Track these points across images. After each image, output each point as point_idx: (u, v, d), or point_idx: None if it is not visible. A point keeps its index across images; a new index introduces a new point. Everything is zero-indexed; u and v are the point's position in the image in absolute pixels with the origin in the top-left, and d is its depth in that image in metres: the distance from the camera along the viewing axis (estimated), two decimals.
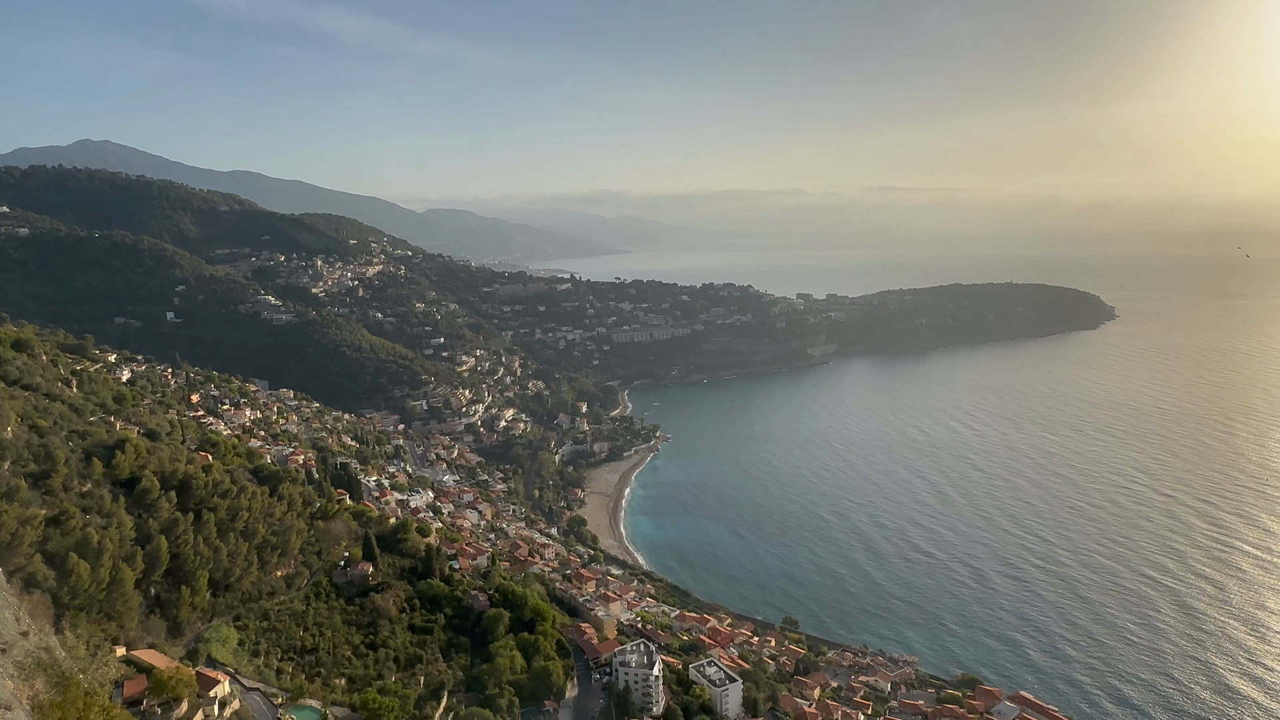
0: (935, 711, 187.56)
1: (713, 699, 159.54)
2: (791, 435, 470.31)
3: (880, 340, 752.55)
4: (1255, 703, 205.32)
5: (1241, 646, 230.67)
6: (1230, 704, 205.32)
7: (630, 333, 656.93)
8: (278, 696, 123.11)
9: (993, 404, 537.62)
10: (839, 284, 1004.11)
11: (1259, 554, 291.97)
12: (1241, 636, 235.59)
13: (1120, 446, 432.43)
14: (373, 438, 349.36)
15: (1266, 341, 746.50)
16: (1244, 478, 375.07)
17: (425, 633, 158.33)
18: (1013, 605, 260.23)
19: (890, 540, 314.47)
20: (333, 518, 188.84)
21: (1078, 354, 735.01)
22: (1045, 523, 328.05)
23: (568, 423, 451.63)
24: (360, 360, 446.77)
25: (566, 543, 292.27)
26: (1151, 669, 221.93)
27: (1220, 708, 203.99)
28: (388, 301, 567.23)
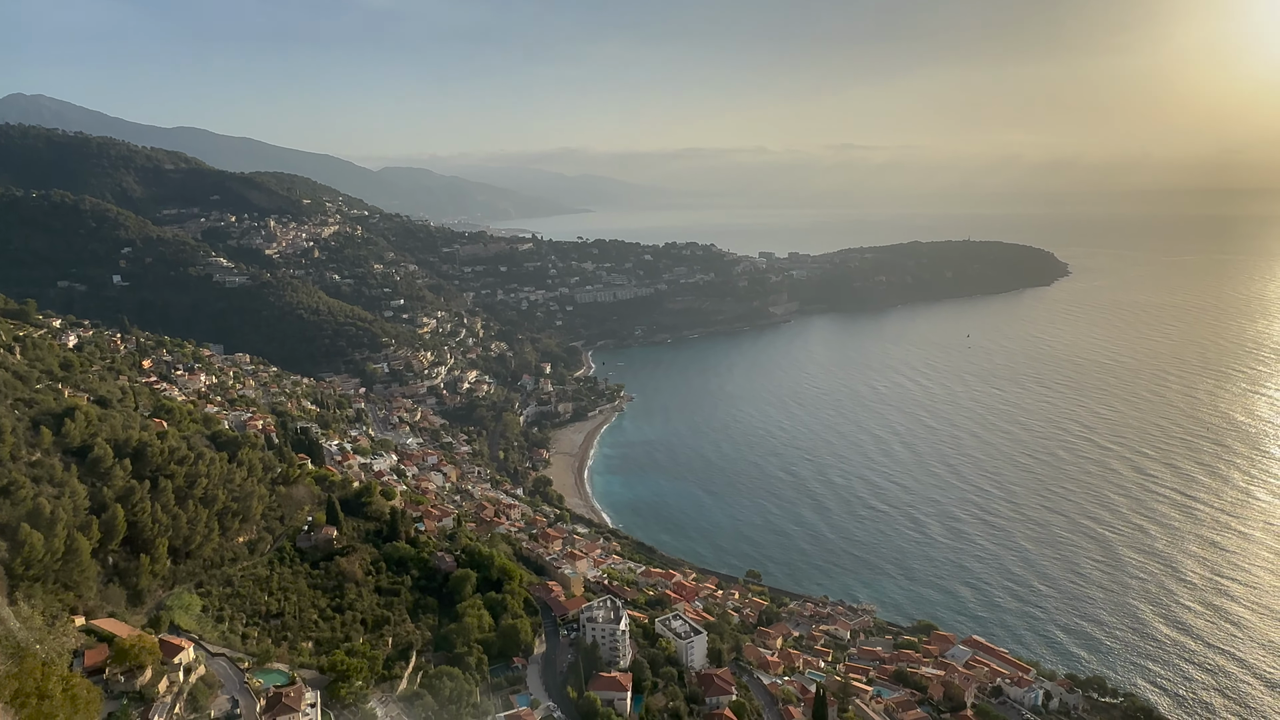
0: (893, 657, 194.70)
1: (678, 651, 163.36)
2: (754, 394, 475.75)
3: (841, 298, 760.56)
4: (1178, 642, 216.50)
5: (1167, 589, 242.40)
6: (1158, 641, 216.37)
7: (593, 293, 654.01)
8: (244, 661, 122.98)
9: (948, 361, 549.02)
10: (801, 242, 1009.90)
11: (1186, 502, 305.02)
12: (1167, 580, 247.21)
13: (1065, 400, 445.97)
14: (333, 401, 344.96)
15: (1205, 297, 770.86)
16: (1178, 429, 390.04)
17: (392, 594, 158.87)
18: (964, 555, 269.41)
19: (848, 494, 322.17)
20: (294, 483, 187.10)
21: (1031, 311, 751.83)
22: (992, 476, 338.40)
23: (531, 384, 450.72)
24: (318, 323, 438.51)
25: (532, 503, 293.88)
26: (1098, 609, 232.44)
27: (1151, 645, 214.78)
28: (345, 263, 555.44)
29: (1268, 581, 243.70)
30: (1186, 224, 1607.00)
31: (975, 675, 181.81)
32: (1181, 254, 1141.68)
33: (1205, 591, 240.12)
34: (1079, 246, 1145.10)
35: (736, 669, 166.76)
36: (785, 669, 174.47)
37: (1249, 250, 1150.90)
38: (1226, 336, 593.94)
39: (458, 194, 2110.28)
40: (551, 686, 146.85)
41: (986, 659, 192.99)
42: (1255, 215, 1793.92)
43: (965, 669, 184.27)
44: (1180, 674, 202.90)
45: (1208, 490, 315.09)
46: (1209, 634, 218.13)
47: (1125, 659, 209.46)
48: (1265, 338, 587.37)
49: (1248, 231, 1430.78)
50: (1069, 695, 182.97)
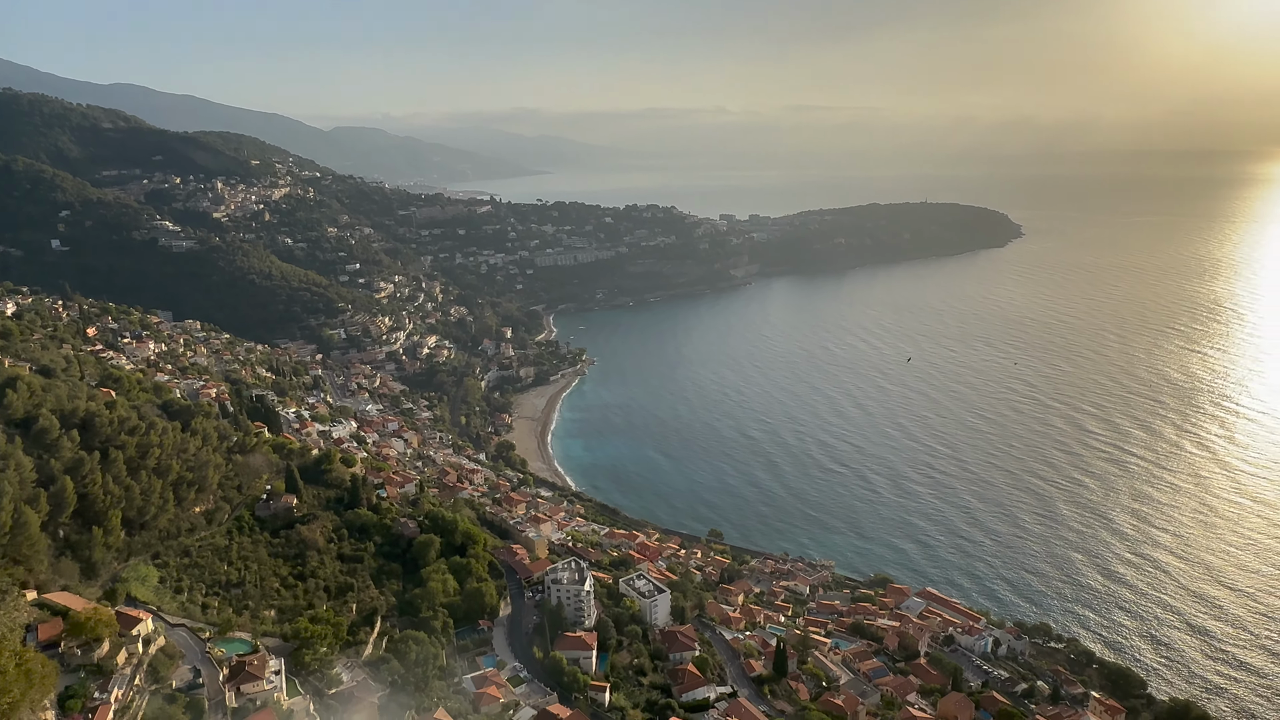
0: (850, 610, 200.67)
1: (642, 609, 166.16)
2: (715, 356, 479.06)
3: (801, 260, 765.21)
4: (1112, 590, 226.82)
5: (1102, 540, 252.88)
6: (1094, 590, 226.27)
7: (554, 256, 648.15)
8: (205, 631, 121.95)
9: (905, 322, 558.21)
10: (761, 204, 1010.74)
11: (1121, 456, 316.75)
12: (1102, 532, 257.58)
13: (1021, 358, 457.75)
14: (289, 368, 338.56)
15: (1149, 258, 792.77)
16: (1116, 386, 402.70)
17: (355, 561, 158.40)
18: (919, 510, 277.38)
19: (808, 453, 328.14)
20: (251, 451, 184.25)
21: (985, 271, 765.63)
22: (941, 435, 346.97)
23: (492, 348, 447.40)
24: (271, 288, 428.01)
25: (495, 467, 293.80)
26: (1043, 560, 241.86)
27: (1087, 594, 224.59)
28: (297, 226, 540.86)
29: (1194, 531, 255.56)
30: (1135, 186, 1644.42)
31: (929, 625, 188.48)
32: (1129, 215, 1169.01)
33: (1137, 541, 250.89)
34: (1032, 208, 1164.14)
35: (699, 625, 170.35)
36: (747, 624, 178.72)
37: (1194, 212, 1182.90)
38: (1166, 296, 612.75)
39: (413, 155, 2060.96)
40: (517, 647, 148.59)
41: (939, 609, 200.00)
42: (1201, 177, 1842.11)
43: (919, 620, 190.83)
44: (1114, 620, 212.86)
45: (1141, 444, 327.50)
46: (1139, 582, 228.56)
47: (1066, 607, 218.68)
48: (1201, 297, 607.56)
49: (1194, 193, 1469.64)
50: (1016, 642, 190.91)
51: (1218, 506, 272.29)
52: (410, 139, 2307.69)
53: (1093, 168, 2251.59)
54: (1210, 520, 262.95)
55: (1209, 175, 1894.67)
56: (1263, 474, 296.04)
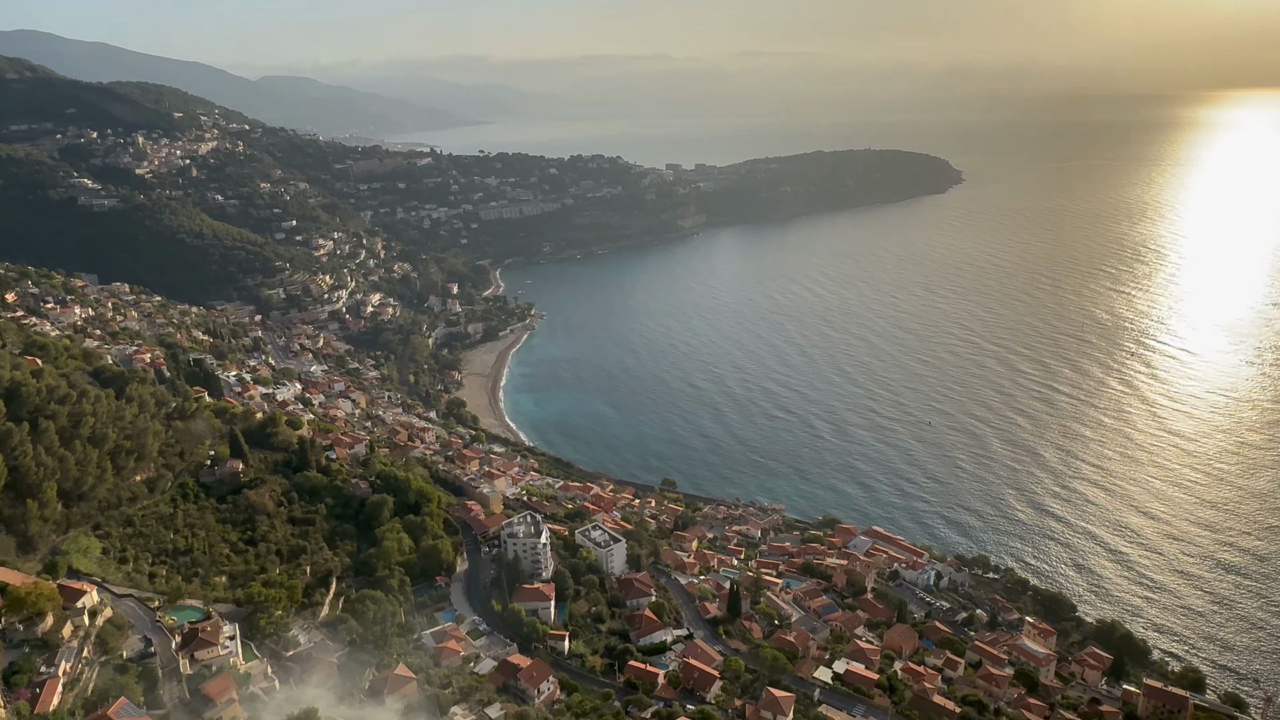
0: (800, 551, 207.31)
1: (599, 559, 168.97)
2: (663, 307, 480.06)
3: (747, 209, 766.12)
4: (1061, 518, 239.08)
5: (1033, 475, 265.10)
6: (1024, 523, 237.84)
7: (498, 209, 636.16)
8: (154, 600, 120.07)
9: (849, 268, 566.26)
10: (707, 153, 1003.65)
11: (1050, 395, 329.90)
12: (1032, 468, 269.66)
13: (950, 305, 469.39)
14: (227, 331, 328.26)
15: (1082, 202, 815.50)
16: (1046, 327, 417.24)
17: (307, 524, 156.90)
18: (864, 452, 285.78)
19: (755, 401, 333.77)
20: (192, 417, 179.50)
21: (927, 217, 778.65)
22: (890, 377, 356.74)
23: (439, 305, 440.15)
24: (203, 248, 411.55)
25: (447, 425, 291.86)
26: (979, 497, 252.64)
27: (1019, 527, 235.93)
28: (227, 182, 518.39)
29: (1117, 465, 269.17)
30: (1072, 130, 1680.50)
31: (875, 562, 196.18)
32: (1066, 160, 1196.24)
33: (1064, 476, 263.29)
34: (973, 154, 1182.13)
35: (655, 572, 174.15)
36: (701, 569, 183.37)
37: (1126, 156, 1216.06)
38: (1096, 239, 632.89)
39: (347, 105, 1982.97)
40: (476, 601, 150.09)
41: (885, 547, 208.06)
42: (1132, 121, 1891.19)
43: (866, 557, 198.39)
44: (1045, 550, 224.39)
45: (1069, 383, 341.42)
46: (1067, 514, 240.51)
47: (1000, 540, 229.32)
48: (1128, 239, 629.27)
49: (1125, 137, 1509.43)
50: (957, 574, 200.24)
51: (1139, 440, 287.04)
52: (344, 89, 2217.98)
53: (1032, 113, 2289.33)
54: (1132, 453, 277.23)
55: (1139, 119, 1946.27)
56: (1180, 408, 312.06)
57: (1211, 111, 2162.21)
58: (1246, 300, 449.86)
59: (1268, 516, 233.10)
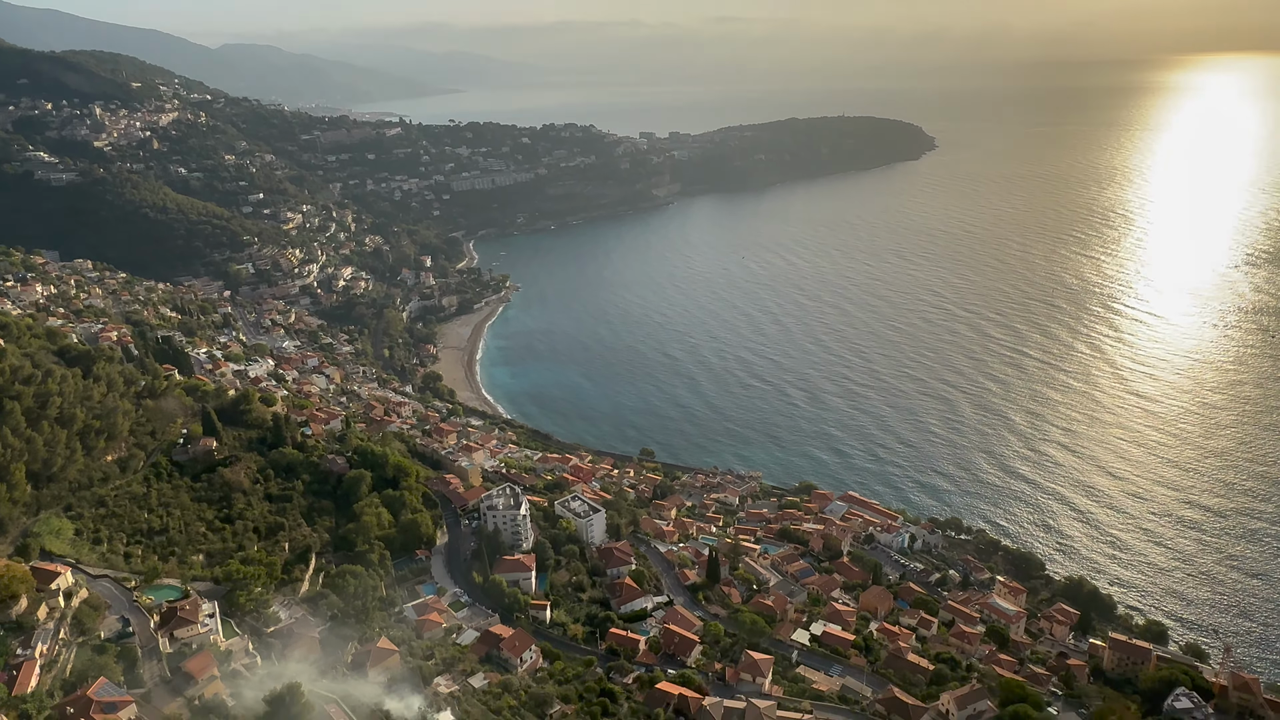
0: (778, 517, 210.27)
1: (579, 529, 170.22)
2: (638, 278, 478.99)
3: (722, 178, 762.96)
4: (1030, 480, 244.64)
5: (1002, 438, 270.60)
6: (994, 485, 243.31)
7: (470, 180, 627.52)
8: (130, 580, 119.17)
9: (823, 236, 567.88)
10: (681, 121, 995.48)
11: (1019, 359, 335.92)
12: (1002, 431, 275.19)
13: (932, 269, 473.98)
14: (196, 307, 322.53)
15: (1051, 167, 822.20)
16: (1016, 293, 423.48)
17: (284, 500, 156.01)
18: (838, 419, 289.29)
19: (730, 370, 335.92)
20: (163, 395, 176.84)
21: (900, 184, 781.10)
22: (864, 344, 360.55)
23: (412, 278, 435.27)
24: (168, 222, 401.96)
25: (423, 399, 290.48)
26: (951, 461, 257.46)
27: (988, 489, 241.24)
28: (190, 154, 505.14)
29: (1084, 427, 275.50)
30: (1042, 96, 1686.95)
31: (850, 526, 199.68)
32: (1036, 126, 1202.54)
33: (1033, 439, 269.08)
34: (946, 120, 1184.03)
35: (635, 541, 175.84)
36: (680, 537, 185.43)
37: (1095, 121, 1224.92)
38: (1064, 204, 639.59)
39: (312, 74, 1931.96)
40: (457, 574, 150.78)
41: (860, 511, 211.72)
42: (1101, 86, 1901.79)
43: (842, 522, 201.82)
44: (1015, 511, 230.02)
45: (1038, 347, 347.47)
46: (1036, 476, 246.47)
47: (971, 503, 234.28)
48: (1096, 203, 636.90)
49: (1095, 103, 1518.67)
50: (930, 536, 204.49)
51: (1104, 402, 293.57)
52: (308, 56, 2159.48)
53: (1003, 79, 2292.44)
54: (1098, 415, 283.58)
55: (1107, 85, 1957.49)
56: (1145, 370, 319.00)
57: (1179, 76, 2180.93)
58: (1210, 263, 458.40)
59: (1227, 474, 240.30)
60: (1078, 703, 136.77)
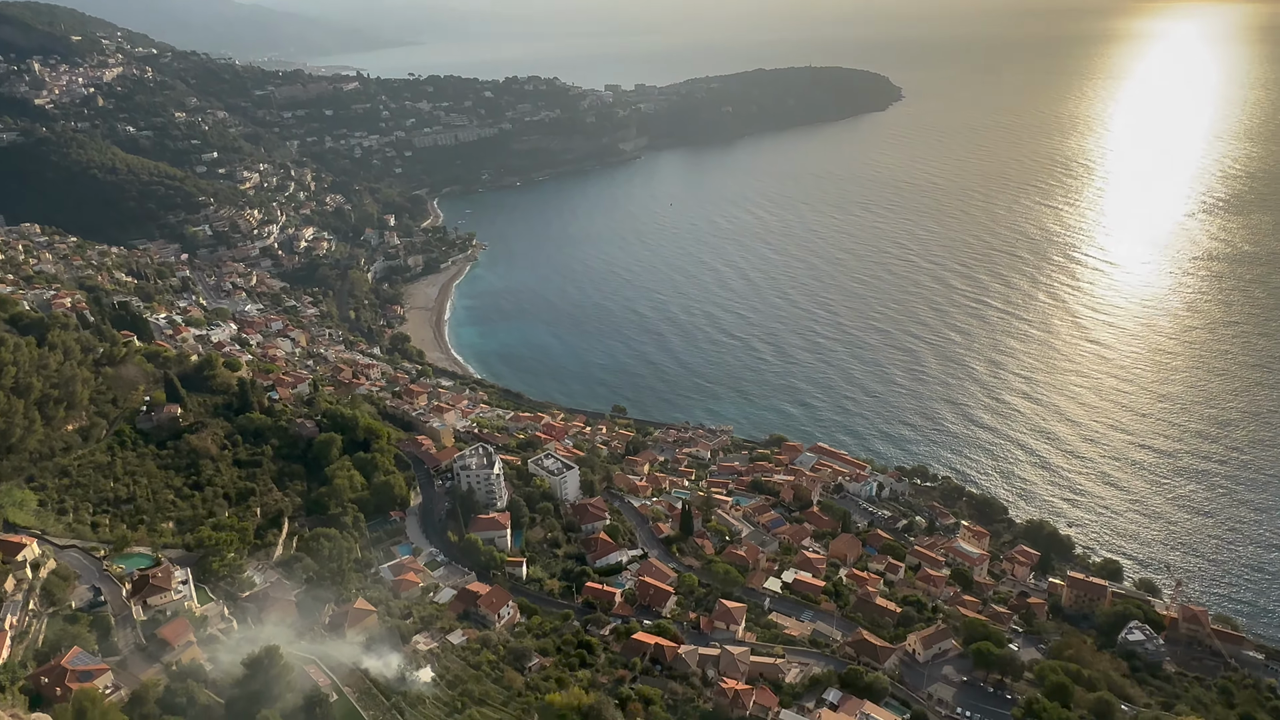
0: (749, 469, 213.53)
1: (553, 486, 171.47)
2: (605, 234, 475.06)
3: (689, 131, 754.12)
4: (991, 428, 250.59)
5: (965, 389, 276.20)
6: (955, 434, 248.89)
7: (432, 136, 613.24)
8: (99, 550, 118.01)
9: (790, 189, 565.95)
10: (647, 73, 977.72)
11: (980, 310, 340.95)
12: (964, 382, 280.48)
13: (897, 221, 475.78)
14: (152, 271, 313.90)
15: (1019, 116, 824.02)
16: (979, 244, 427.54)
17: (254, 466, 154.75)
18: (805, 373, 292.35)
19: (698, 326, 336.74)
20: (122, 362, 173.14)
21: (867, 136, 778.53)
22: (830, 297, 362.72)
23: (376, 238, 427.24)
24: (118, 184, 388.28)
25: (392, 360, 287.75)
26: (916, 411, 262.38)
27: (950, 438, 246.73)
28: (138, 112, 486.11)
29: (1042, 376, 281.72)
30: (1008, 45, 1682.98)
31: (820, 477, 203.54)
32: (1002, 75, 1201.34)
33: (994, 388, 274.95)
34: (912, 70, 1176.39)
35: (609, 496, 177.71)
36: (654, 491, 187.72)
37: (1061, 70, 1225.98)
38: (1028, 154, 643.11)
39: (262, 27, 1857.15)
40: (432, 533, 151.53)
41: (830, 462, 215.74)
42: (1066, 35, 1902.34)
43: (811, 473, 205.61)
44: (978, 459, 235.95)
45: (1000, 298, 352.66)
46: (997, 424, 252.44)
47: (936, 452, 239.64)
48: (1059, 153, 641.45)
49: (1061, 51, 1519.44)
50: (897, 484, 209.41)
51: (1063, 350, 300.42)
52: (258, 7, 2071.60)
53: (968, 27, 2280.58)
54: (1056, 363, 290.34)
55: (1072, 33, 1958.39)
56: (1102, 317, 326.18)
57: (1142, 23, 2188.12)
58: (1167, 211, 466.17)
59: (1179, 417, 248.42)
60: (1037, 639, 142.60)
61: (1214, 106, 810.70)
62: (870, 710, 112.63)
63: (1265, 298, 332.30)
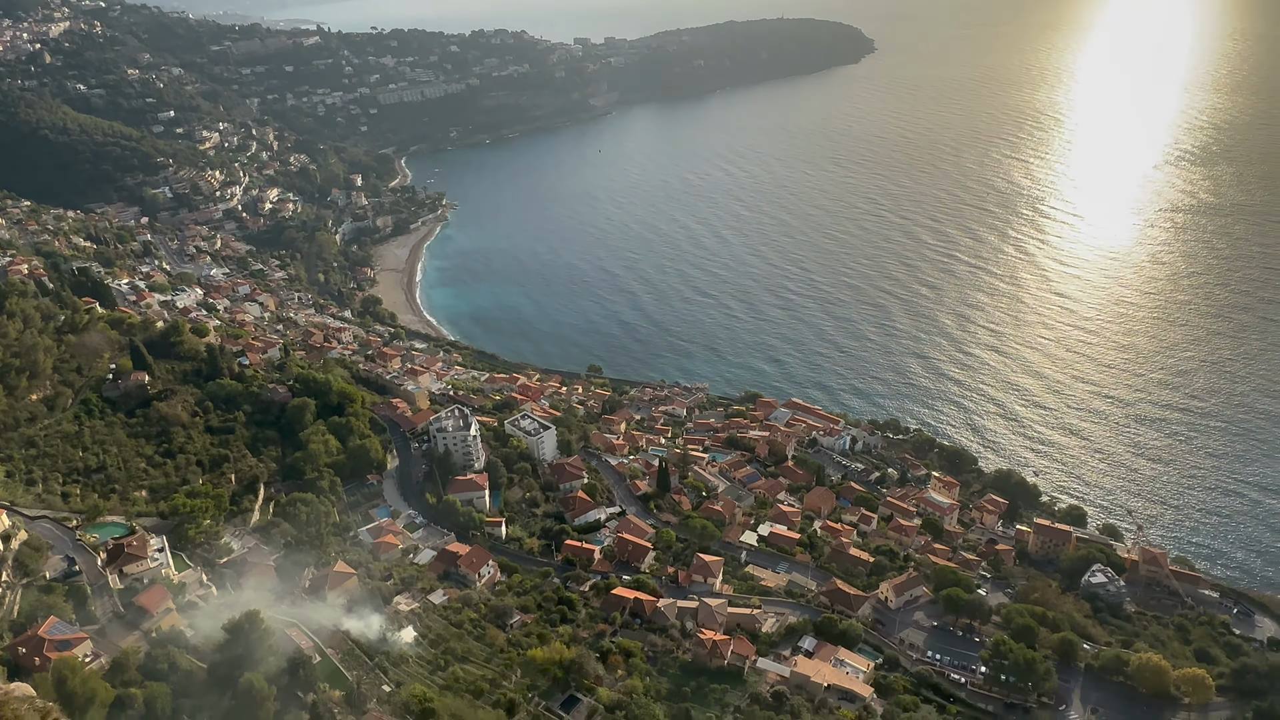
0: (725, 426, 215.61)
1: (530, 447, 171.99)
2: (577, 192, 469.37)
3: (661, 85, 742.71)
4: (959, 382, 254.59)
5: (951, 338, 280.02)
6: (924, 387, 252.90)
7: (398, 92, 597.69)
8: (72, 520, 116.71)
9: (763, 145, 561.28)
10: (617, 25, 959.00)
11: (949, 263, 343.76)
12: (933, 335, 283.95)
13: (868, 176, 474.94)
14: (112, 236, 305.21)
15: (989, 69, 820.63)
16: (948, 198, 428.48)
17: (226, 432, 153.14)
18: (779, 330, 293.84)
19: (671, 285, 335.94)
20: (85, 329, 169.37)
21: (839, 90, 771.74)
22: (802, 253, 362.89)
23: (343, 199, 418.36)
24: (70, 145, 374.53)
25: (363, 323, 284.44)
26: (884, 366, 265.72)
27: (919, 391, 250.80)
28: (89, 69, 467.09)
29: (1009, 329, 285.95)
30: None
31: (795, 432, 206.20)
32: (973, 26, 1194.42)
33: (962, 342, 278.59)
34: (885, 21, 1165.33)
35: (586, 456, 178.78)
36: (631, 449, 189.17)
37: (1031, 22, 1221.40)
38: (996, 107, 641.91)
39: None
40: (410, 496, 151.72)
41: (804, 417, 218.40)
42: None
43: (786, 428, 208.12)
44: (948, 412, 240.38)
45: (968, 252, 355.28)
46: (965, 378, 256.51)
47: (905, 406, 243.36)
48: (1028, 106, 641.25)
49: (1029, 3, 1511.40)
50: (870, 438, 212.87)
51: (1029, 303, 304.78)
52: None
53: None
54: (1023, 316, 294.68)
55: None
56: (1070, 270, 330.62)
57: None
58: (1134, 164, 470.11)
59: (1141, 368, 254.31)
60: (1004, 583, 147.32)
61: (1181, 57, 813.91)
62: (844, 656, 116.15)
63: (1226, 249, 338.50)
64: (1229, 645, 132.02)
